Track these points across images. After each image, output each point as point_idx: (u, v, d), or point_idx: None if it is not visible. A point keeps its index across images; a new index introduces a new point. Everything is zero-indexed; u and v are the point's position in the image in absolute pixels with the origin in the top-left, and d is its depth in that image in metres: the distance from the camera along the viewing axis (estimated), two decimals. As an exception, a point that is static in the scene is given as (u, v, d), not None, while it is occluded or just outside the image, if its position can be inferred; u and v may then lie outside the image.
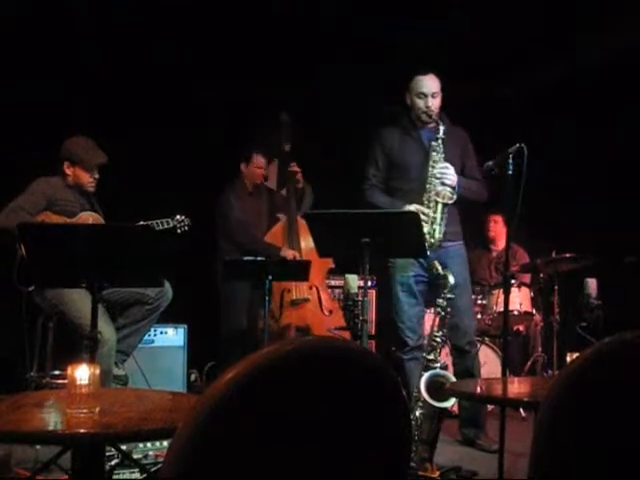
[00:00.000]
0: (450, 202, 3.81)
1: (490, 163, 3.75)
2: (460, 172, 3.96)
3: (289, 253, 5.07)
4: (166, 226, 4.14)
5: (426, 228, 3.72)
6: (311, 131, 5.64)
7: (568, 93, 5.69)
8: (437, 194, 3.80)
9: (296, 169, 5.29)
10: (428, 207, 3.81)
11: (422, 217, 3.74)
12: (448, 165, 3.84)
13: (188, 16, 5.09)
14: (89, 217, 3.91)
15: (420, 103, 3.92)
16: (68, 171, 3.90)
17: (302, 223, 5.09)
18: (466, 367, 4.01)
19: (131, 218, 3.74)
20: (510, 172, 3.49)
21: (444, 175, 3.82)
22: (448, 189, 3.81)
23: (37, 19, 4.78)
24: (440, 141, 3.85)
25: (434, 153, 3.85)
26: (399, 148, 4.02)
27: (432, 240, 3.78)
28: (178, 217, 4.23)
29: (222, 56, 5.45)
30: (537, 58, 5.73)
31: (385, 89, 4.39)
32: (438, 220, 3.80)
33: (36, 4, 4.70)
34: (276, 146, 5.43)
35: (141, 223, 3.74)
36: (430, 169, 3.84)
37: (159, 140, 5.38)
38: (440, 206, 3.80)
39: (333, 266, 5.28)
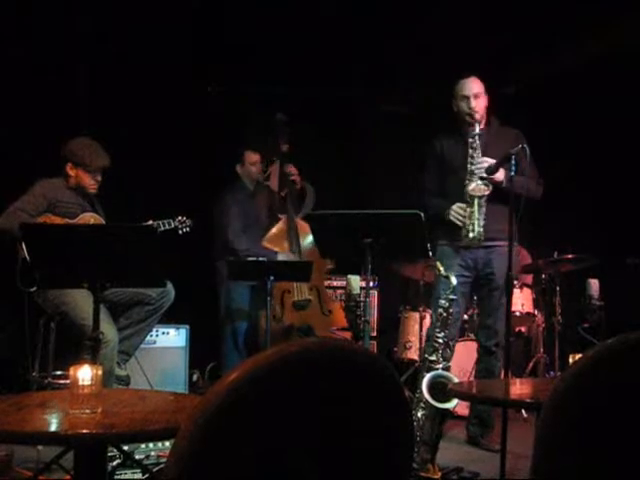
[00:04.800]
0: (486, 193, 3.81)
1: (492, 164, 3.76)
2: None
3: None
4: (168, 227, 4.14)
5: (466, 223, 3.80)
6: (313, 131, 5.64)
7: (569, 93, 5.68)
8: (472, 189, 3.82)
9: (292, 170, 5.29)
10: (467, 203, 3.83)
11: (460, 212, 3.83)
12: (486, 159, 3.84)
13: (189, 14, 5.10)
14: (90, 218, 3.91)
15: (463, 105, 3.95)
16: (71, 172, 3.90)
17: (301, 224, 5.10)
18: (490, 366, 4.03)
19: (133, 219, 3.74)
20: (512, 173, 3.49)
21: (480, 170, 3.83)
22: (481, 183, 3.82)
23: (38, 18, 4.79)
24: (477, 137, 3.87)
25: (471, 150, 3.88)
26: (448, 152, 4.07)
27: (471, 234, 3.81)
28: (180, 218, 4.23)
29: (222, 56, 5.47)
30: (539, 55, 5.73)
31: (384, 88, 4.40)
32: (475, 215, 3.81)
33: (37, 3, 4.71)
34: (273, 147, 5.43)
35: (145, 224, 3.75)
36: (469, 166, 3.87)
37: (161, 141, 5.38)
38: (476, 200, 3.81)
39: (331, 266, 5.28)
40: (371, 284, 5.22)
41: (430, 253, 3.60)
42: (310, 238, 4.81)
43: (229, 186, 5.30)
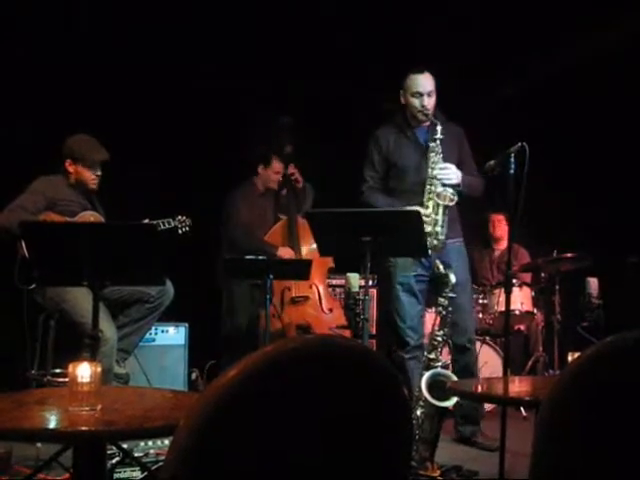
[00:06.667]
0: (451, 204, 3.78)
1: (491, 162, 3.75)
2: (458, 167, 3.92)
3: (284, 252, 5.08)
4: (167, 226, 4.14)
5: (428, 229, 3.70)
6: (311, 130, 5.64)
7: (568, 92, 5.68)
8: (438, 196, 3.77)
9: (293, 171, 5.30)
10: (427, 208, 3.77)
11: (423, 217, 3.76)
12: (448, 165, 3.81)
13: (194, 14, 5.10)
14: (90, 216, 3.92)
15: (416, 102, 3.89)
16: (70, 169, 3.90)
17: (302, 223, 5.09)
18: (466, 364, 4.02)
19: (132, 218, 3.74)
20: (512, 171, 3.49)
21: (445, 176, 3.79)
22: (449, 190, 3.77)
23: (37, 17, 4.78)
24: (438, 142, 3.81)
25: (432, 154, 3.82)
26: (394, 148, 4.00)
27: (435, 242, 3.76)
28: (180, 217, 4.23)
29: (225, 55, 5.46)
30: (537, 55, 5.72)
31: (385, 87, 4.38)
32: (440, 222, 3.77)
33: (37, 3, 4.70)
34: (276, 148, 5.43)
35: (145, 222, 3.75)
36: (429, 170, 3.81)
37: (161, 139, 5.38)
38: (442, 208, 3.78)
39: (333, 265, 5.28)
40: (370, 282, 5.26)
41: (429, 252, 3.61)
42: (311, 239, 4.80)
43: (240, 183, 5.33)
